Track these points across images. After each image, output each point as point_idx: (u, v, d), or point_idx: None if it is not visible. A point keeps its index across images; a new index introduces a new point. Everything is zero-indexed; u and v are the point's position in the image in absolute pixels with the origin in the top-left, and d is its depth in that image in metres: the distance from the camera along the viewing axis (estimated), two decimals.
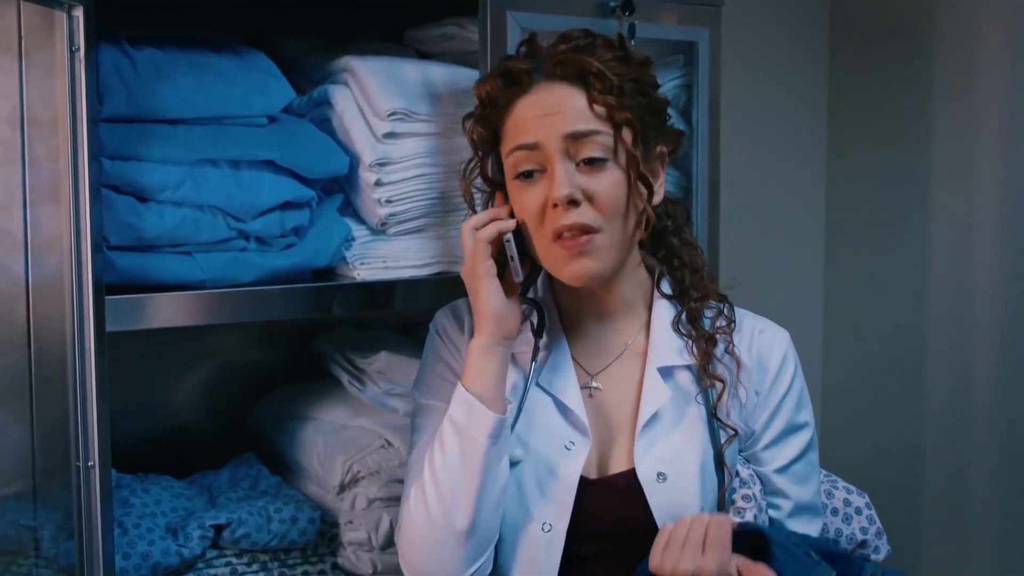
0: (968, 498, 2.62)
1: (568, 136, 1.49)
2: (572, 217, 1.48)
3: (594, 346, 1.64)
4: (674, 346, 1.60)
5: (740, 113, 2.49)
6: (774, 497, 1.62)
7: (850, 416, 2.91)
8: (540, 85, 1.52)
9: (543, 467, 1.55)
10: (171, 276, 1.67)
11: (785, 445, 1.62)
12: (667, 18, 2.02)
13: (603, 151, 1.49)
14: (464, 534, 1.49)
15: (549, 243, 1.52)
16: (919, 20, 2.68)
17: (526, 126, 1.52)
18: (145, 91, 1.66)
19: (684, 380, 1.60)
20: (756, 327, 1.64)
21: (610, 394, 1.61)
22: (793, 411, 1.62)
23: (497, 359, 1.54)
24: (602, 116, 1.50)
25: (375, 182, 1.83)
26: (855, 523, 1.80)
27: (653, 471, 1.54)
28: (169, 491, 1.90)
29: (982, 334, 2.57)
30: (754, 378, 1.61)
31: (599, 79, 1.49)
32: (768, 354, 1.62)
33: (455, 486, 1.49)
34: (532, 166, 1.52)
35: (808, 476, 1.65)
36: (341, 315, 1.89)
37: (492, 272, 1.55)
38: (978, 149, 2.56)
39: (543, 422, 1.58)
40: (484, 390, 1.52)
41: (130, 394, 2.12)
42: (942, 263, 2.65)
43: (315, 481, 2.00)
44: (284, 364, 2.30)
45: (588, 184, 1.49)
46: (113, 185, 1.62)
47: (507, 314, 1.55)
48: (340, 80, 1.91)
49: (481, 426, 1.50)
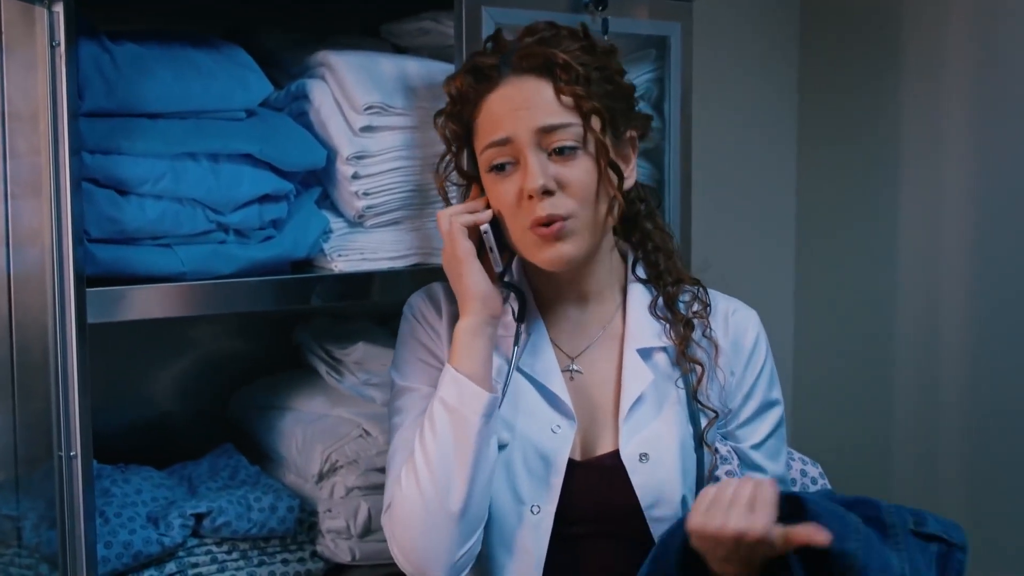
0: (937, 485, 2.66)
1: (539, 130, 1.52)
2: (547, 208, 1.51)
3: (572, 329, 1.66)
4: (651, 329, 1.64)
5: (712, 106, 2.51)
6: (752, 471, 1.66)
7: (820, 405, 2.94)
8: (508, 79, 1.55)
9: (531, 450, 1.58)
10: (151, 268, 1.69)
11: (761, 422, 1.67)
12: (639, 12, 2.04)
13: (573, 140, 1.52)
14: (458, 514, 1.50)
15: (524, 230, 1.55)
16: (888, 12, 2.70)
17: (497, 122, 1.54)
18: (125, 85, 1.67)
19: (663, 362, 1.63)
20: (729, 309, 1.69)
21: (590, 376, 1.64)
22: (767, 389, 1.67)
23: (485, 339, 1.56)
24: (570, 107, 1.52)
25: (352, 175, 1.85)
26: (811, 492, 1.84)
27: (636, 452, 1.57)
28: (150, 481, 1.92)
29: (950, 321, 2.60)
30: (730, 359, 1.65)
31: (565, 70, 1.52)
32: (742, 335, 1.66)
33: (448, 467, 1.50)
34: (505, 159, 1.54)
35: (780, 450, 1.70)
36: (319, 306, 1.91)
37: (473, 253, 1.58)
38: (947, 140, 2.59)
39: (528, 406, 1.60)
40: (474, 370, 1.54)
41: (111, 385, 2.15)
42: (911, 252, 2.69)
43: (294, 470, 2.03)
44: (263, 355, 2.31)
45: (560, 173, 1.52)
46: (93, 178, 1.64)
47: (492, 294, 1.58)
48: (317, 74, 1.93)
49: (474, 405, 1.52)
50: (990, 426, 2.54)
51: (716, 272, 1.79)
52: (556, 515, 1.56)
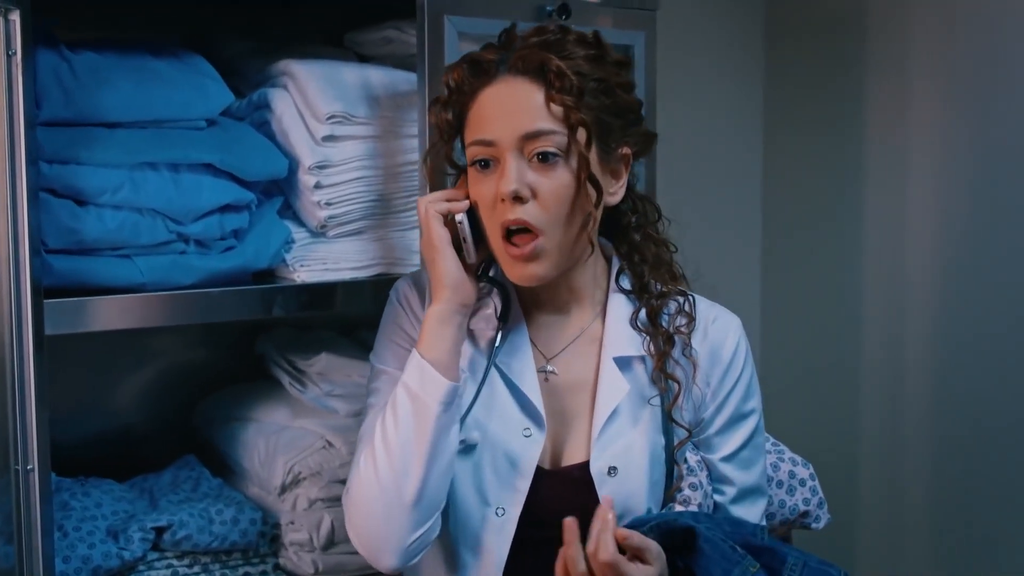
0: (902, 488, 2.68)
1: (523, 136, 1.51)
2: (517, 213, 1.50)
3: (550, 330, 1.65)
4: (630, 338, 1.62)
5: (677, 114, 2.52)
6: (719, 483, 1.65)
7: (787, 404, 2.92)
8: (504, 78, 1.53)
9: (500, 453, 1.58)
10: (110, 279, 1.67)
11: (732, 434, 1.66)
12: (603, 22, 2.04)
13: (555, 148, 1.51)
14: (412, 500, 1.50)
15: (499, 239, 1.54)
16: (853, 13, 2.72)
17: (485, 121, 1.54)
18: (83, 95, 1.66)
19: (640, 373, 1.62)
20: (709, 317, 1.66)
21: (565, 379, 1.63)
22: (741, 400, 1.65)
23: (454, 327, 1.55)
24: (558, 116, 1.51)
25: (314, 185, 1.84)
26: (798, 494, 1.85)
27: (605, 465, 1.57)
28: (110, 494, 1.90)
29: (916, 319, 2.63)
30: (707, 371, 1.64)
31: (558, 77, 1.50)
32: (720, 344, 1.64)
33: (406, 452, 1.50)
34: (486, 157, 1.54)
35: (754, 460, 1.68)
36: (281, 317, 1.90)
37: (446, 240, 1.56)
38: (912, 138, 2.61)
39: (500, 408, 1.60)
40: (439, 357, 1.53)
41: (71, 397, 2.13)
42: (877, 250, 2.71)
43: (256, 482, 2.01)
44: (226, 365, 2.29)
45: (536, 181, 1.51)
46: (51, 189, 1.62)
47: (465, 283, 1.57)
48: (279, 83, 1.92)
49: (434, 392, 1.51)
50: (956, 423, 2.56)
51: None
52: (520, 519, 1.56)
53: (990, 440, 2.48)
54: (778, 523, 1.86)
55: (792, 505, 1.85)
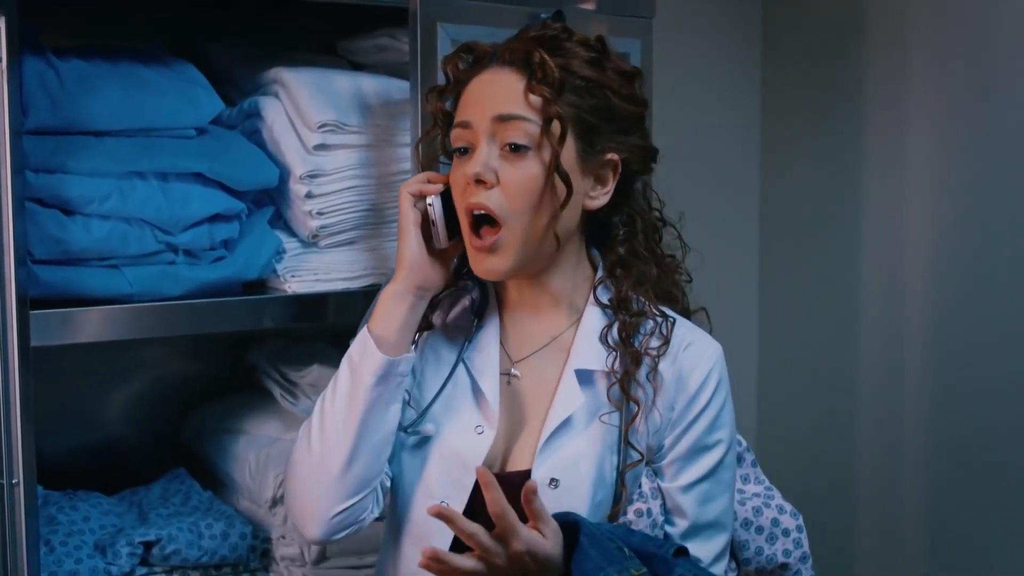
0: (900, 497, 2.66)
1: (495, 118, 1.50)
2: (479, 197, 1.50)
3: (521, 333, 1.63)
4: (597, 353, 1.58)
5: (673, 122, 2.50)
6: (672, 514, 1.59)
7: (784, 413, 2.94)
8: (493, 67, 1.55)
9: (448, 447, 1.57)
10: (98, 290, 1.65)
11: (692, 464, 1.59)
12: (598, 30, 1.99)
13: (526, 138, 1.49)
14: (338, 471, 1.52)
15: (467, 230, 1.53)
16: (851, 18, 2.70)
17: (466, 105, 1.55)
18: (71, 102, 1.64)
19: (601, 388, 1.57)
20: (684, 342, 1.60)
21: (527, 384, 1.60)
22: (705, 431, 1.58)
23: (405, 307, 1.55)
24: (536, 106, 1.50)
25: (306, 194, 1.82)
26: (779, 544, 1.74)
27: (548, 476, 1.53)
28: (98, 508, 1.87)
29: (915, 325, 2.61)
30: (670, 395, 1.57)
31: (540, 67, 1.50)
32: (690, 372, 1.58)
33: (337, 422, 1.52)
34: (464, 143, 1.53)
35: (714, 495, 1.60)
36: (272, 328, 1.87)
37: (414, 221, 1.56)
38: (910, 142, 2.59)
39: (458, 403, 1.59)
40: (384, 333, 1.54)
41: (60, 408, 2.10)
42: (876, 255, 2.68)
43: (247, 496, 1.98)
44: (217, 376, 2.27)
45: (503, 169, 1.50)
46: (38, 198, 1.60)
47: (426, 266, 1.56)
48: (270, 91, 1.90)
49: (370, 365, 1.52)
50: (954, 426, 2.54)
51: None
52: (464, 514, 1.50)
53: (989, 444, 2.46)
54: (753, 570, 1.76)
55: (770, 554, 1.74)
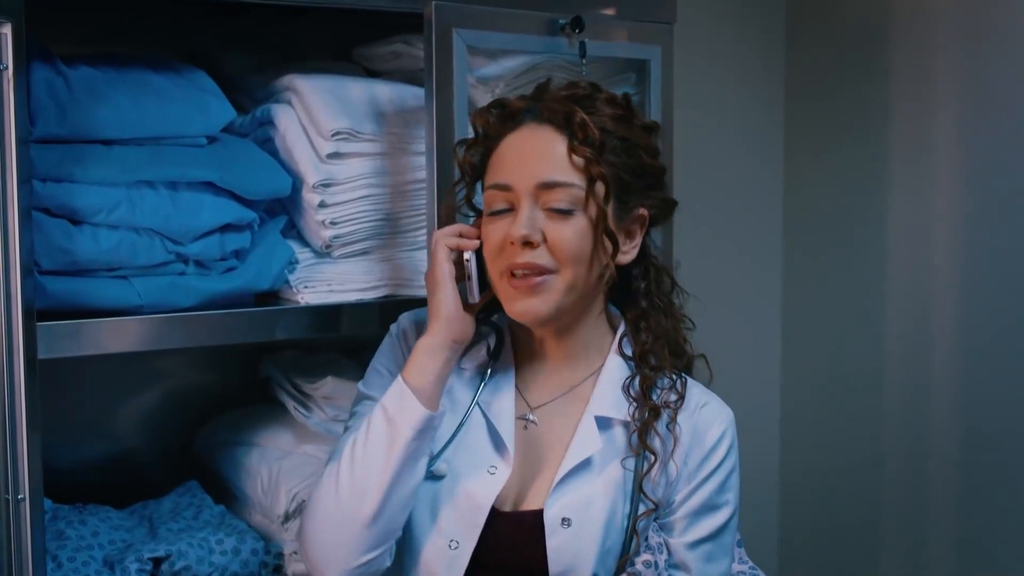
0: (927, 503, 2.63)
1: (540, 185, 1.50)
2: (526, 257, 1.50)
3: (540, 381, 1.63)
4: (617, 402, 1.59)
5: (695, 129, 2.46)
6: (676, 570, 1.59)
7: (809, 421, 2.92)
8: (529, 125, 1.55)
9: (461, 486, 1.56)
10: (106, 301, 1.63)
11: (700, 522, 1.59)
12: (618, 36, 1.99)
13: (570, 203, 1.50)
14: (368, 520, 1.49)
15: (500, 277, 1.53)
16: (875, 29, 2.67)
17: (504, 165, 1.54)
18: (79, 111, 1.61)
19: (619, 436, 1.58)
20: (701, 401, 1.62)
21: (545, 430, 1.60)
22: (715, 491, 1.59)
23: (441, 361, 1.54)
24: (579, 167, 1.51)
25: (319, 203, 1.79)
26: None
27: (559, 515, 1.53)
28: (107, 522, 1.84)
29: (941, 331, 2.57)
30: (687, 451, 1.58)
31: (581, 129, 1.51)
32: (706, 429, 1.60)
33: (370, 471, 1.49)
34: (503, 205, 1.53)
35: (717, 557, 1.61)
36: (284, 340, 1.84)
37: (451, 275, 1.57)
38: (936, 148, 2.55)
39: (472, 443, 1.59)
40: (420, 385, 1.52)
41: (72, 420, 2.08)
42: (901, 263, 2.65)
43: (260, 510, 1.95)
44: (230, 388, 2.24)
45: (550, 229, 1.50)
46: (45, 208, 1.58)
47: (460, 320, 1.56)
48: (283, 99, 1.87)
49: (409, 418, 1.50)
50: (980, 439, 2.51)
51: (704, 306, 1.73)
52: (473, 557, 1.54)
53: (1017, 450, 2.43)
54: None
55: None
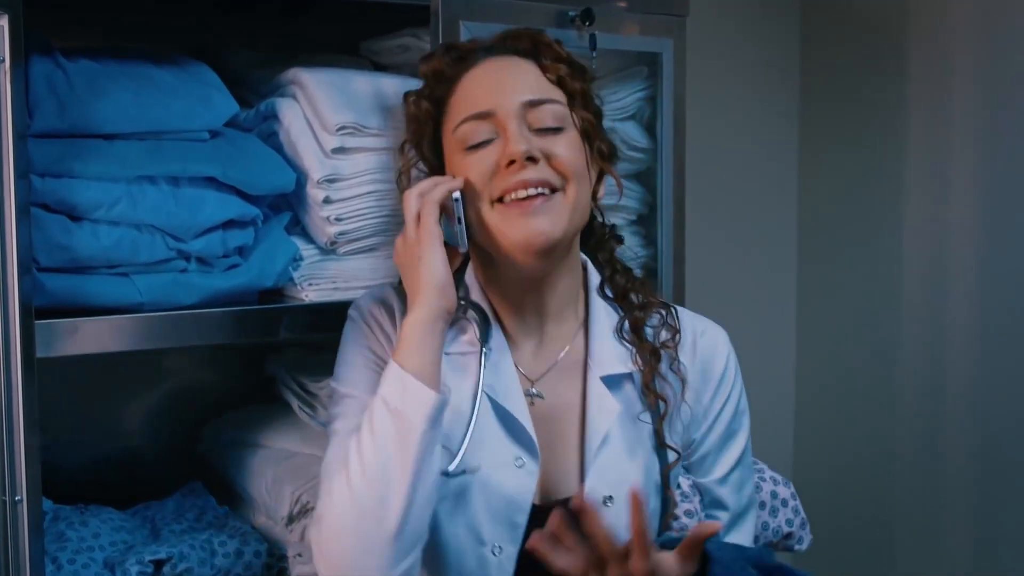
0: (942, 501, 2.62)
1: (525, 104, 1.45)
2: (530, 173, 1.42)
3: (533, 349, 1.55)
4: (617, 353, 1.52)
5: (707, 125, 2.42)
6: (713, 508, 1.57)
7: (824, 422, 2.90)
8: (490, 59, 1.50)
9: (492, 486, 1.45)
10: (107, 299, 1.59)
11: (725, 453, 1.57)
12: (629, 28, 1.95)
13: (559, 120, 1.46)
14: (395, 530, 1.34)
15: (492, 205, 1.44)
16: (892, 25, 2.64)
17: (477, 95, 1.47)
18: (79, 104, 1.58)
19: (629, 391, 1.52)
20: (696, 330, 1.58)
21: (552, 402, 1.52)
22: (731, 418, 1.57)
23: (438, 335, 1.42)
24: (553, 83, 1.48)
25: (324, 199, 1.76)
26: (781, 515, 1.78)
27: (600, 495, 1.46)
28: (109, 523, 1.81)
29: (957, 334, 2.55)
30: (698, 388, 1.55)
31: (549, 49, 1.48)
32: (711, 360, 1.56)
33: (387, 473, 1.35)
34: (484, 136, 1.46)
35: (745, 480, 1.60)
36: (288, 338, 1.81)
37: (440, 238, 1.44)
38: (954, 150, 2.53)
39: (488, 435, 1.47)
40: (421, 368, 1.39)
41: (75, 419, 2.07)
42: (917, 266, 2.63)
43: (264, 511, 1.92)
44: (236, 387, 2.21)
45: (545, 145, 1.44)
46: (44, 203, 1.55)
47: (451, 286, 1.44)
48: (288, 93, 1.83)
49: (419, 407, 1.36)
50: (995, 442, 2.50)
51: (715, 306, 1.71)
52: (517, 558, 1.44)
53: None
54: (762, 545, 1.77)
55: (775, 527, 1.79)
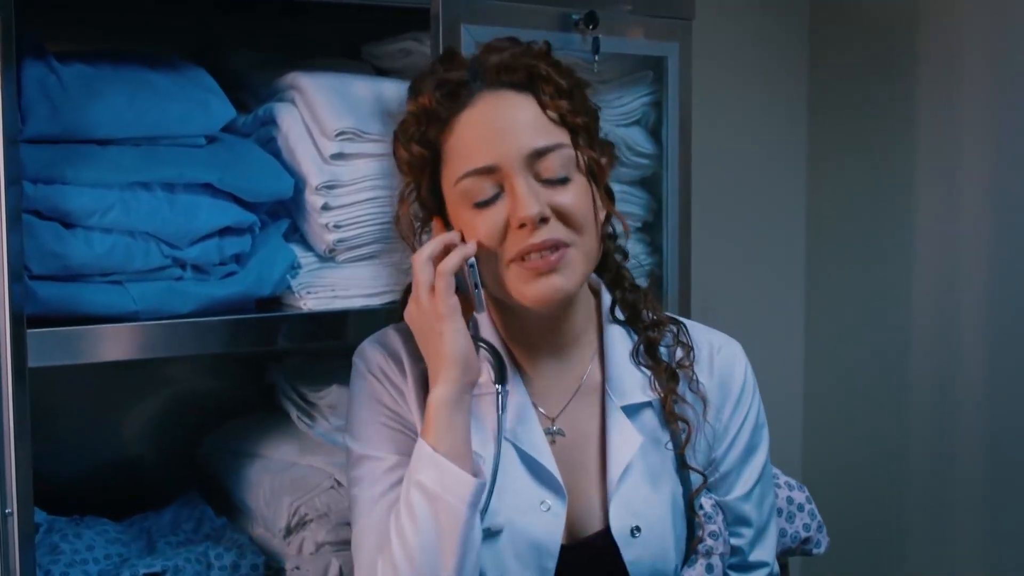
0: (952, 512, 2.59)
1: (529, 155, 1.37)
2: (542, 235, 1.36)
3: (549, 385, 1.51)
4: (635, 380, 1.49)
5: (714, 131, 2.39)
6: (737, 526, 1.53)
7: (833, 432, 2.87)
8: (483, 96, 1.40)
9: (519, 534, 1.41)
10: (100, 307, 1.56)
11: (746, 469, 1.54)
12: (634, 32, 1.92)
13: (565, 167, 1.39)
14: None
15: (507, 265, 1.39)
16: (903, 28, 2.61)
17: (475, 146, 1.39)
18: (72, 109, 1.55)
19: (650, 419, 1.48)
20: (713, 346, 1.54)
21: (573, 438, 1.48)
22: (752, 432, 1.54)
23: (465, 410, 1.38)
24: (556, 122, 1.39)
25: (322, 206, 1.73)
26: (798, 520, 1.75)
27: (627, 527, 1.43)
28: (104, 535, 1.78)
29: (967, 348, 2.52)
30: (718, 406, 1.51)
31: (547, 82, 1.38)
32: (729, 376, 1.52)
33: (433, 561, 1.32)
34: (490, 191, 1.39)
35: (767, 494, 1.57)
36: (286, 348, 1.78)
37: (458, 310, 1.39)
38: (965, 157, 2.50)
39: (513, 482, 1.43)
40: (455, 449, 1.35)
41: (73, 429, 2.03)
42: (928, 276, 2.60)
43: (261, 523, 1.88)
44: (237, 395, 2.17)
45: (555, 198, 1.38)
46: (36, 210, 1.52)
47: (474, 357, 1.40)
48: (286, 97, 1.80)
49: (459, 492, 1.33)
50: (1007, 443, 2.47)
51: (722, 314, 1.67)
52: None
53: None
54: (780, 552, 1.74)
55: (793, 533, 1.75)
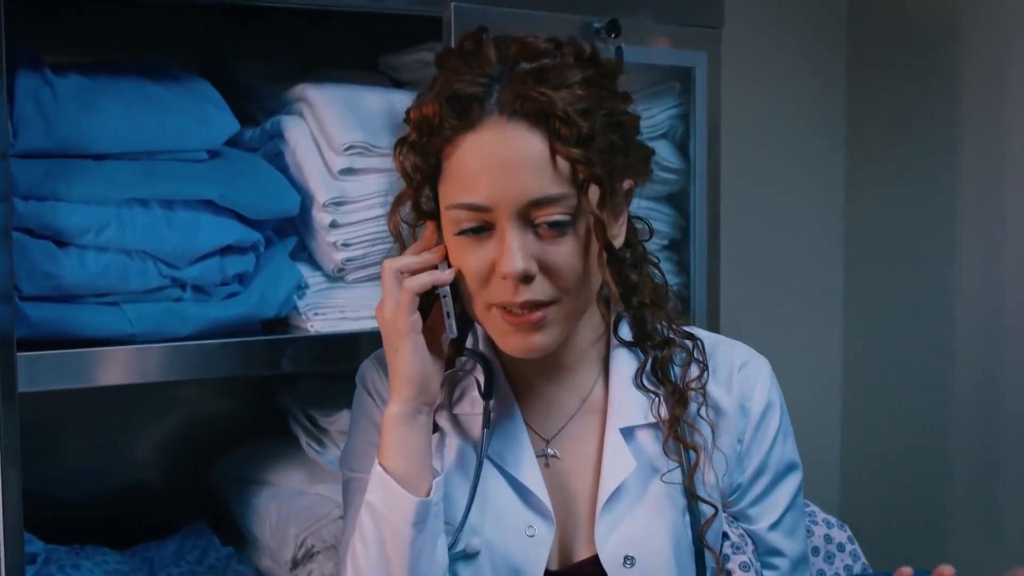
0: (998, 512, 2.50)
1: (528, 204, 1.26)
2: (524, 295, 1.27)
3: (546, 405, 1.41)
4: (638, 402, 1.39)
5: (744, 144, 2.31)
6: (769, 556, 1.43)
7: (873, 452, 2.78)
8: (492, 120, 1.27)
9: (501, 560, 1.34)
10: (95, 329, 1.51)
11: (775, 496, 1.43)
12: (660, 41, 1.84)
13: (565, 215, 1.27)
14: None
15: (488, 308, 1.31)
16: (945, 33, 2.52)
17: (474, 179, 1.27)
18: (67, 122, 1.50)
19: (649, 443, 1.38)
20: (734, 362, 1.42)
21: (568, 461, 1.40)
22: (779, 457, 1.43)
23: (419, 430, 1.32)
24: (565, 172, 1.26)
25: (330, 223, 1.67)
26: (838, 561, 1.64)
27: (618, 556, 1.33)
28: (103, 566, 1.72)
29: (1012, 358, 2.43)
30: (736, 425, 1.40)
31: (565, 124, 1.25)
32: (750, 395, 1.41)
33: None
34: (481, 227, 1.28)
35: (799, 524, 1.46)
36: (292, 371, 1.71)
37: (417, 328, 1.31)
38: (1010, 172, 2.40)
39: (497, 505, 1.36)
40: (403, 468, 1.30)
41: (77, 454, 1.98)
42: (969, 303, 2.51)
43: (268, 554, 1.81)
44: (247, 419, 2.11)
45: (545, 254, 1.27)
46: (27, 228, 1.46)
47: (430, 377, 1.33)
48: (295, 110, 1.74)
49: (401, 513, 1.28)
50: None
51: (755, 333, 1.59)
52: None
53: None
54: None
55: (832, 574, 1.64)
